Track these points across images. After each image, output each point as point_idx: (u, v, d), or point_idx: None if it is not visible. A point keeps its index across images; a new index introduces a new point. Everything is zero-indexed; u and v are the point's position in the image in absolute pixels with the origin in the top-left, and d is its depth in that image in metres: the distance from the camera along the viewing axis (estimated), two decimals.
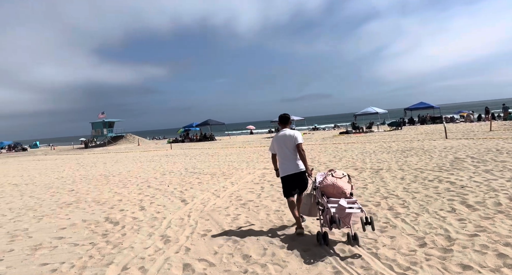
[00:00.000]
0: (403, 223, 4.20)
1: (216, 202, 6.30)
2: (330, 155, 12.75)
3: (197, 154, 18.34)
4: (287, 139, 4.35)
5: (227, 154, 16.79)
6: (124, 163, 15.83)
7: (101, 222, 5.46)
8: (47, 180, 11.42)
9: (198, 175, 10.12)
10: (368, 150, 13.41)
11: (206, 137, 35.79)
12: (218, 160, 13.90)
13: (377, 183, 6.72)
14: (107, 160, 18.94)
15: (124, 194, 7.87)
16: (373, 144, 16.01)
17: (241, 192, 7.02)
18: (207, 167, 11.79)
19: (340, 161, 10.77)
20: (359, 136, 23.86)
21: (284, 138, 4.38)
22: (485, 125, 23.49)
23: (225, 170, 10.74)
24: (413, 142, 15.03)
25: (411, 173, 7.45)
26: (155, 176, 10.49)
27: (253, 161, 12.59)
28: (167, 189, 8.09)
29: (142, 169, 12.70)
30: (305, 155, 4.32)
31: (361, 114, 30.49)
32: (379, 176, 7.47)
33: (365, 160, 10.47)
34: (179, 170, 11.55)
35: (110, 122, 45.02)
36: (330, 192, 3.84)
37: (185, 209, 5.91)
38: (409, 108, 35.49)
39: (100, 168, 14.50)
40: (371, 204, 5.18)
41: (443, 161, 8.86)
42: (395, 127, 28.49)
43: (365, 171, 8.25)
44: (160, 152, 21.95)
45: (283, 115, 4.57)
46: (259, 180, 8.36)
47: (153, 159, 16.84)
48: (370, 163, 9.70)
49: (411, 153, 11.21)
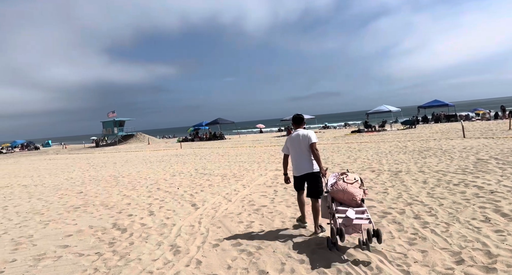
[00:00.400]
0: (434, 235, 3.83)
1: (228, 207, 6.01)
2: (343, 155, 12.36)
3: (207, 153, 18.12)
4: (301, 139, 4.33)
5: (237, 154, 16.52)
6: (134, 163, 15.69)
7: (108, 228, 5.22)
8: (57, 181, 11.31)
9: (209, 176, 9.86)
10: (383, 150, 12.97)
11: (215, 136, 35.62)
12: (228, 161, 13.63)
13: (398, 187, 6.33)
14: (117, 159, 18.87)
15: (133, 197, 7.65)
16: (388, 143, 15.54)
17: (253, 196, 6.72)
18: (218, 168, 11.53)
19: (355, 162, 10.38)
20: (371, 135, 23.32)
21: (298, 138, 4.36)
22: (502, 124, 22.71)
23: (235, 171, 10.46)
24: (429, 142, 14.51)
25: (433, 176, 7.03)
26: (165, 178, 10.27)
27: (264, 162, 12.28)
28: (177, 192, 7.85)
29: (151, 170, 12.51)
30: (319, 155, 4.27)
31: (373, 112, 29.85)
32: (398, 179, 7.08)
33: (381, 161, 10.06)
34: (189, 171, 11.32)
35: (121, 121, 45.21)
36: (340, 198, 3.75)
37: (196, 215, 5.64)
38: (422, 106, 34.65)
39: (110, 168, 14.38)
40: (394, 211, 4.81)
41: (465, 162, 8.41)
42: (409, 125, 27.81)
43: (383, 174, 7.86)
44: (170, 152, 21.82)
45: (297, 116, 4.56)
46: (272, 182, 8.04)
47: (163, 159, 16.68)
48: (387, 164, 9.29)
49: (429, 153, 10.75)
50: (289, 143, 4.48)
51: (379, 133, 24.93)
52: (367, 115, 30.47)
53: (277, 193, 6.84)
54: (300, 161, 4.34)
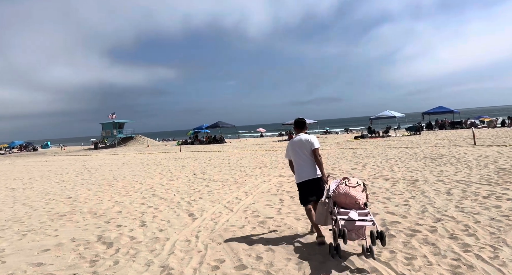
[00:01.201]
0: (482, 262, 3.16)
1: (229, 218, 5.35)
2: (350, 161, 11.71)
3: (206, 157, 17.47)
4: (303, 144, 4.22)
5: (238, 158, 15.87)
6: (131, 166, 15.03)
7: (93, 242, 4.56)
8: (47, 184, 10.65)
9: (208, 182, 9.20)
10: (391, 156, 12.32)
11: (216, 139, 34.98)
12: (229, 165, 12.98)
13: (419, 198, 5.68)
14: (114, 162, 18.22)
15: (125, 204, 6.99)
16: (395, 149, 14.90)
17: (257, 206, 6.06)
18: (218, 173, 10.88)
19: (364, 168, 9.73)
20: (376, 141, 22.68)
21: (300, 143, 4.25)
22: (511, 131, 22.10)
23: (237, 176, 9.81)
24: (438, 148, 13.87)
25: (456, 186, 6.39)
26: (161, 182, 9.61)
27: (267, 167, 11.63)
28: (173, 199, 7.19)
29: (148, 174, 11.86)
30: (322, 160, 4.17)
31: (377, 117, 29.24)
32: (418, 189, 6.42)
33: (392, 168, 9.42)
34: (187, 176, 10.66)
35: (120, 123, 44.61)
36: (343, 202, 3.67)
37: (193, 227, 4.98)
38: (427, 112, 34.04)
39: (105, 171, 13.72)
40: (424, 229, 4.15)
41: (486, 171, 7.76)
42: (414, 132, 27.18)
43: (398, 183, 7.21)
44: (169, 155, 21.17)
45: (299, 120, 4.45)
46: (277, 190, 7.39)
47: (161, 162, 16.02)
48: (400, 172, 8.64)
49: (443, 161, 10.10)
50: (291, 148, 4.34)
51: (383, 139, 24.29)
52: (370, 121, 29.85)
53: (284, 202, 6.19)
54: (302, 167, 4.22)
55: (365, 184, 3.87)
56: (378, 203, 5.55)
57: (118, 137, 43.37)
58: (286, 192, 7.00)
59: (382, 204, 5.44)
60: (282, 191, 7.17)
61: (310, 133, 23.41)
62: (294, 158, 4.30)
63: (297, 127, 4.45)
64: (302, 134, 4.34)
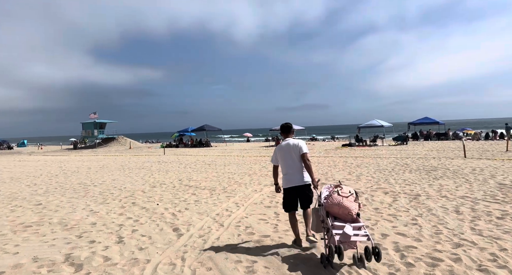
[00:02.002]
0: None
1: (220, 235, 4.74)
2: (343, 171, 11.28)
3: (192, 161, 16.75)
4: (291, 149, 4.13)
5: (225, 163, 15.23)
6: (111, 169, 14.16)
7: (58, 263, 3.86)
8: (16, 188, 9.74)
9: (195, 189, 8.55)
10: (383, 167, 11.97)
11: (201, 143, 34.18)
12: (216, 171, 12.33)
13: (428, 217, 5.21)
14: (93, 164, 17.25)
15: (101, 213, 6.27)
16: (385, 159, 14.60)
17: (250, 220, 5.47)
18: (205, 179, 10.23)
19: (359, 179, 9.29)
20: (364, 149, 22.48)
21: (288, 148, 4.16)
22: (496, 144, 22.31)
23: (225, 184, 9.19)
24: (429, 160, 13.63)
25: (462, 204, 5.97)
26: (143, 189, 8.89)
27: (256, 174, 11.06)
28: (156, 208, 6.52)
29: (129, 179, 11.08)
30: (311, 165, 4.07)
31: (365, 126, 29.17)
32: (423, 205, 5.97)
33: (388, 180, 9.00)
34: (172, 182, 9.96)
35: (102, 123, 43.17)
36: (336, 213, 3.57)
37: (178, 246, 4.35)
38: (413, 122, 34.27)
39: (82, 174, 12.83)
40: (446, 257, 3.61)
41: (487, 187, 7.42)
42: (400, 142, 27.19)
43: (399, 197, 6.76)
44: (152, 158, 20.29)
45: (285, 125, 4.37)
46: (270, 202, 6.82)
47: (144, 166, 15.21)
48: (398, 184, 8.23)
49: (438, 173, 9.78)
50: (279, 153, 4.23)
51: (371, 147, 24.16)
52: (358, 129, 29.76)
53: (279, 217, 5.62)
54: (290, 172, 4.11)
55: (357, 192, 3.76)
56: (384, 221, 5.05)
57: (99, 138, 41.92)
58: (281, 205, 6.43)
59: (389, 223, 4.94)
60: (276, 203, 6.60)
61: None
62: (282, 163, 4.19)
63: (283, 132, 4.36)
64: (289, 139, 4.25)
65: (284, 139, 4.31)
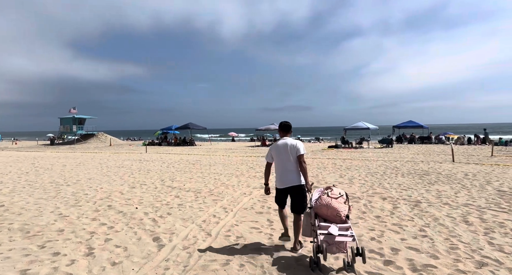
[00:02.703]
0: None
1: (208, 246, 4.14)
2: (334, 173, 10.85)
3: (175, 160, 16.00)
4: (288, 148, 4.01)
5: (210, 163, 14.57)
6: (88, 167, 13.27)
7: None
8: None
9: (178, 191, 7.89)
10: (374, 169, 11.62)
11: (185, 141, 33.28)
12: (201, 171, 11.67)
13: (436, 227, 4.76)
14: (69, 161, 16.24)
15: (71, 218, 5.55)
16: (374, 162, 14.30)
17: (241, 228, 4.90)
18: (189, 180, 9.56)
19: (352, 183, 8.86)
20: (350, 151, 22.25)
21: (285, 147, 4.03)
22: (479, 149, 22.54)
23: (211, 186, 8.57)
24: (418, 164, 13.38)
25: (468, 212, 5.57)
26: (122, 190, 8.16)
27: (244, 175, 10.48)
28: (134, 213, 5.85)
29: (106, 178, 10.29)
30: (307, 168, 3.99)
31: (351, 128, 29.05)
32: (427, 214, 5.52)
33: (383, 184, 8.61)
34: (154, 183, 9.26)
35: (81, 118, 41.57)
36: (324, 214, 3.52)
37: (159, 259, 3.72)
38: (397, 125, 34.51)
39: (56, 172, 11.91)
40: None
41: (487, 194, 7.09)
42: (386, 144, 27.18)
43: (399, 203, 6.33)
44: (133, 156, 19.38)
45: (285, 123, 4.23)
46: (261, 206, 6.25)
47: (124, 164, 14.36)
48: (393, 189, 7.82)
49: (432, 178, 9.46)
50: (274, 152, 4.09)
51: (357, 150, 23.99)
52: (344, 131, 29.61)
53: (273, 225, 5.06)
54: (285, 173, 3.99)
55: (349, 196, 3.73)
56: (390, 232, 4.57)
57: (78, 134, 40.34)
58: (274, 210, 5.87)
59: (396, 235, 4.46)
60: (269, 209, 6.04)
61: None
62: (277, 162, 4.07)
63: (282, 131, 4.21)
64: (287, 138, 4.11)
65: (282, 138, 4.15)
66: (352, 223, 5.02)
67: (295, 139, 4.52)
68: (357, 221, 5.08)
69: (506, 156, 16.56)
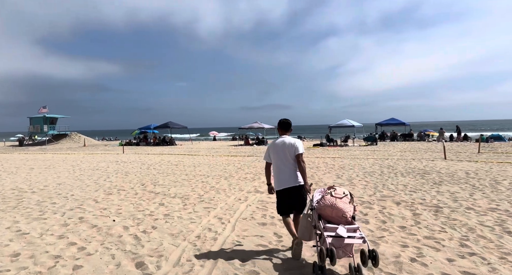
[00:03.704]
0: None
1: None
2: (329, 173, 10.14)
3: (156, 162, 14.86)
4: (287, 147, 3.80)
5: (194, 164, 13.56)
6: (58, 170, 11.97)
7: None
8: None
9: (163, 197, 6.91)
10: (370, 169, 11.00)
11: (165, 141, 31.90)
12: (186, 173, 10.67)
13: (479, 241, 3.99)
14: (37, 164, 14.78)
15: (32, 236, 4.49)
16: (364, 161, 13.74)
17: (246, 247, 4.00)
18: (174, 184, 8.57)
19: (353, 184, 8.14)
20: (336, 149, 21.75)
21: (283, 146, 3.82)
22: (463, 146, 22.63)
23: (200, 190, 7.62)
24: (410, 162, 12.90)
25: (501, 219, 4.84)
26: (96, 197, 7.08)
27: (233, 177, 9.58)
28: (111, 227, 4.84)
29: (79, 182, 9.12)
30: (306, 167, 3.79)
31: (336, 126, 28.65)
32: (456, 222, 4.79)
33: (386, 185, 7.94)
34: (133, 187, 8.21)
35: (53, 118, 39.27)
36: (329, 215, 3.28)
37: None
38: (380, 123, 34.52)
39: (21, 176, 10.59)
40: None
41: (506, 196, 6.53)
42: (371, 142, 26.94)
43: (417, 209, 5.60)
44: (109, 157, 18.03)
45: (284, 121, 4.01)
46: (263, 216, 5.37)
47: (99, 167, 13.11)
48: (401, 191, 7.15)
49: (434, 178, 8.89)
50: (272, 150, 3.89)
51: (342, 148, 23.56)
52: (329, 129, 29.19)
53: (282, 240, 4.20)
54: (283, 172, 3.81)
55: (352, 194, 3.47)
56: (428, 249, 3.78)
57: (49, 134, 38.05)
58: (279, 221, 5.02)
59: (438, 253, 3.67)
60: (272, 219, 5.18)
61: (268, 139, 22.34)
62: (275, 162, 3.88)
63: (281, 129, 3.97)
64: (286, 137, 3.89)
65: (280, 136, 3.93)
66: (376, 236, 4.25)
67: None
68: (382, 235, 4.30)
69: (493, 153, 16.46)
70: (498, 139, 26.67)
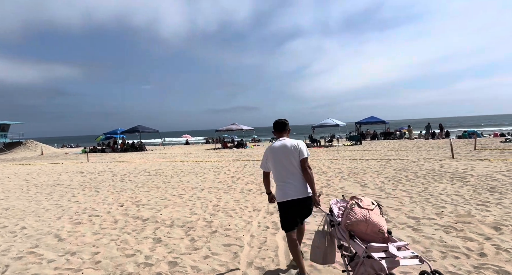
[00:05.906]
0: None
1: None
2: (346, 180, 8.59)
3: (129, 171, 12.64)
4: (289, 151, 3.21)
5: (177, 173, 11.54)
6: (7, 188, 9.51)
7: None
8: None
9: (155, 228, 4.98)
10: (385, 173, 9.63)
11: (134, 146, 29.19)
12: (172, 186, 8.69)
13: None
14: None
15: None
16: (366, 162, 12.44)
17: None
18: (162, 202, 6.62)
19: (396, 197, 6.63)
20: (324, 150, 20.44)
21: (285, 150, 3.23)
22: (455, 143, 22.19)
23: (202, 212, 5.74)
24: (418, 162, 11.75)
25: None
26: (58, 230, 5.01)
27: (234, 189, 7.77)
28: None
29: (34, 205, 6.91)
30: (313, 174, 3.20)
31: (319, 126, 27.49)
32: None
33: (435, 195, 6.47)
34: (110, 211, 6.17)
35: (4, 124, 35.18)
36: (362, 232, 2.58)
37: None
38: (360, 122, 33.95)
39: None
40: None
41: None
42: (355, 141, 26.04)
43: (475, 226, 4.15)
44: (72, 167, 15.45)
45: (280, 121, 3.46)
46: None
47: (60, 180, 10.74)
48: (466, 204, 5.73)
49: (476, 182, 7.61)
50: (272, 156, 3.28)
51: (327, 148, 22.34)
52: (313, 129, 28.00)
53: None
54: (288, 181, 3.19)
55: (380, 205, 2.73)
56: None
57: (1, 143, 33.95)
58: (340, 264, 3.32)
59: None
60: None
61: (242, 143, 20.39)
62: (277, 169, 3.26)
63: (277, 130, 3.43)
64: (285, 139, 3.35)
65: (278, 139, 3.38)
66: None
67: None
68: None
69: (490, 150, 15.83)
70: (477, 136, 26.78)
